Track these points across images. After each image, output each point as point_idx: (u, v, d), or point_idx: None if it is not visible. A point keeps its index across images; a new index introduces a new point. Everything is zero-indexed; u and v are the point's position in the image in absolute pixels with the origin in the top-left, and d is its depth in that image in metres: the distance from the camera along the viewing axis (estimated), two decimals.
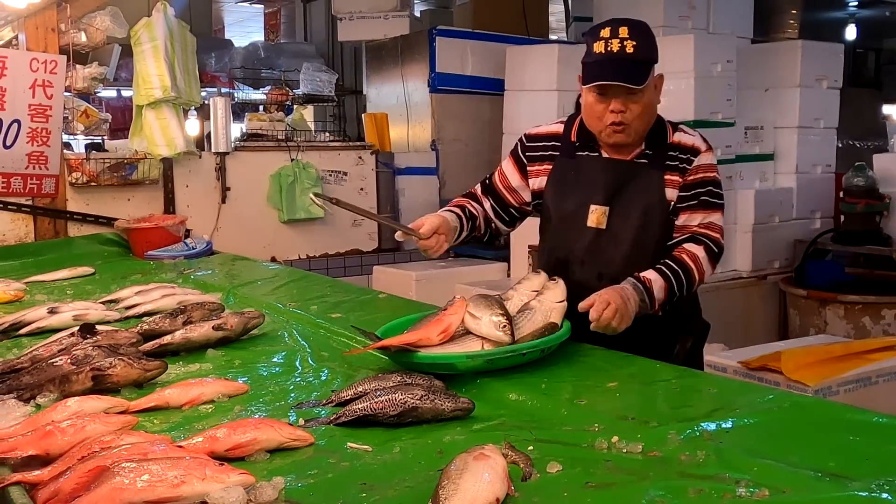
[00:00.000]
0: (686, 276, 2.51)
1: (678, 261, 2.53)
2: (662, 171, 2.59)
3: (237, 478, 1.53)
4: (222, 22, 12.41)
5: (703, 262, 2.54)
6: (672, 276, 2.49)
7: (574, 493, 1.50)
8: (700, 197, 2.58)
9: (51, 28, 5.09)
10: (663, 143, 2.61)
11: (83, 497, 1.45)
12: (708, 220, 2.59)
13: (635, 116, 2.52)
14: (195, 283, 3.84)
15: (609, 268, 2.61)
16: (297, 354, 2.59)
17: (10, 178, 4.93)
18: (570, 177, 2.69)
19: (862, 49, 13.27)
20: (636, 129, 2.55)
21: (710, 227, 2.58)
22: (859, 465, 1.54)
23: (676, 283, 2.49)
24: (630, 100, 2.50)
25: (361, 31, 7.43)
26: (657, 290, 2.46)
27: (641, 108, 2.52)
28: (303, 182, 6.03)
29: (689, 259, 2.53)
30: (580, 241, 2.66)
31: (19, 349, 2.69)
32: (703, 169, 2.60)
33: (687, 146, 2.62)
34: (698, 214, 2.59)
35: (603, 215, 2.62)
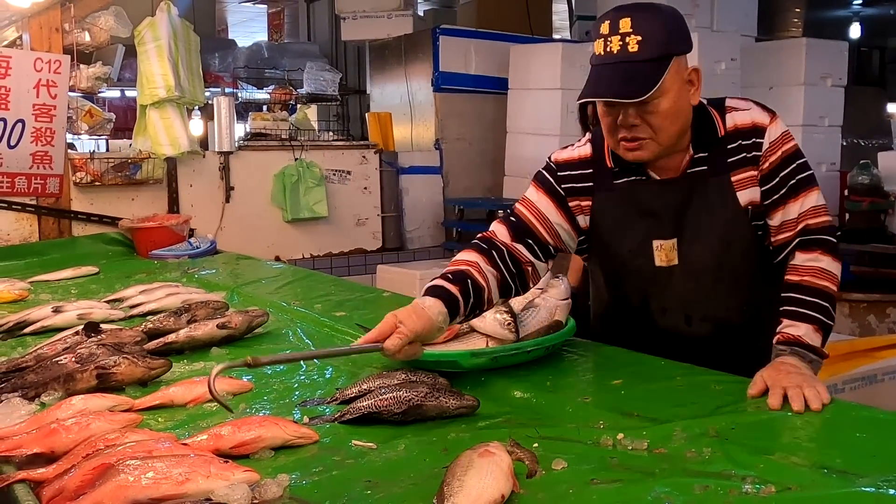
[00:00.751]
0: (825, 298, 2.04)
1: (805, 288, 2.05)
2: (728, 174, 2.12)
3: (242, 475, 1.53)
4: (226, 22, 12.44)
5: (830, 267, 2.08)
6: (813, 311, 2.01)
7: (579, 489, 1.49)
8: (788, 181, 2.10)
9: (55, 28, 5.10)
10: (716, 138, 2.13)
11: (88, 494, 1.45)
12: (806, 207, 2.11)
13: (657, 129, 2.04)
14: (199, 282, 3.84)
15: (694, 309, 2.24)
16: None
17: (14, 178, 4.94)
18: (618, 212, 2.24)
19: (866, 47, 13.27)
20: (661, 143, 2.07)
21: (813, 214, 2.11)
22: (865, 461, 1.54)
23: (821, 313, 2.02)
24: (644, 110, 2.03)
25: (365, 31, 7.45)
26: (813, 339, 1.99)
27: (661, 119, 2.04)
28: (307, 181, 6.04)
29: (813, 277, 2.06)
30: (654, 286, 2.25)
31: (24, 348, 2.69)
32: (776, 145, 2.11)
33: (746, 127, 2.12)
34: (793, 204, 2.11)
35: (672, 250, 2.18)
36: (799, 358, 1.95)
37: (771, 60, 6.45)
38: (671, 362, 2.24)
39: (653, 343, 2.32)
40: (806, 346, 1.98)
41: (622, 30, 1.99)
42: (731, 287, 2.20)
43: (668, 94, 2.02)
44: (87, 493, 1.46)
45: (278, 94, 7.04)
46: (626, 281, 2.32)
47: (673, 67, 2.02)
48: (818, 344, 2.00)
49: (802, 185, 2.11)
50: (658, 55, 2.00)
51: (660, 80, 1.99)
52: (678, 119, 2.08)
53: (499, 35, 7.09)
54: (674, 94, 2.04)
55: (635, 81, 1.99)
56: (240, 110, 6.89)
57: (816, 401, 1.77)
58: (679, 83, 2.05)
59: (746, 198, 2.13)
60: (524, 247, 2.31)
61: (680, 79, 2.06)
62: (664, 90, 2.01)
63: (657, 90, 1.99)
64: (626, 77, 1.99)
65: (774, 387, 1.84)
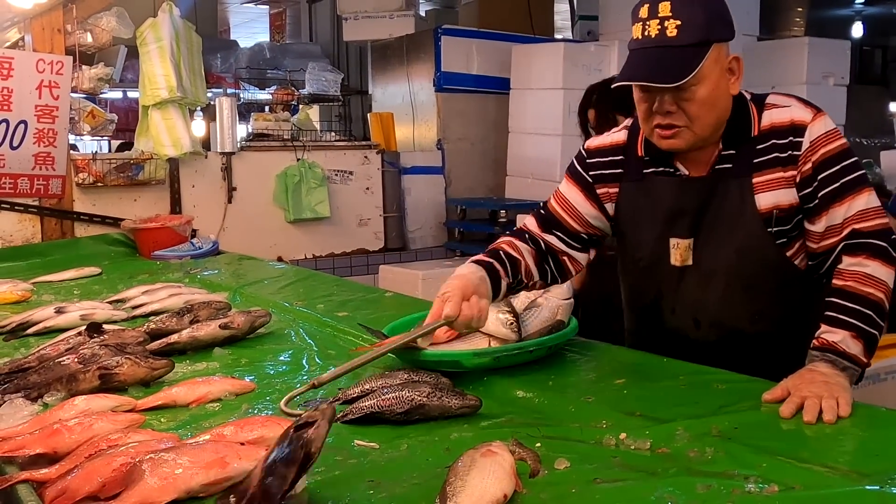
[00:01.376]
0: (868, 305, 1.90)
1: (848, 294, 1.92)
2: (751, 175, 2.02)
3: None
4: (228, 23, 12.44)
5: (877, 273, 1.92)
6: (852, 318, 1.90)
7: (582, 489, 1.49)
8: (831, 183, 1.97)
9: (57, 29, 5.10)
10: (748, 136, 2.04)
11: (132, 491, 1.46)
12: (853, 211, 1.96)
13: (693, 117, 1.98)
14: (202, 283, 3.84)
15: (704, 313, 2.17)
16: (304, 353, 2.59)
17: (16, 179, 4.94)
18: (640, 204, 2.18)
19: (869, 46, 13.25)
20: (697, 132, 2.01)
21: (863, 217, 1.96)
22: (869, 461, 1.54)
23: (862, 320, 1.90)
24: (680, 97, 1.96)
25: (367, 31, 7.44)
26: (850, 346, 1.88)
27: (698, 107, 1.97)
28: (309, 182, 6.04)
29: (857, 283, 1.92)
30: (666, 283, 2.19)
31: (27, 349, 2.69)
32: (819, 144, 1.97)
33: (784, 126, 2.01)
34: (839, 208, 1.97)
35: (687, 250, 2.11)
36: (831, 365, 1.86)
37: (773, 59, 6.45)
38: (674, 361, 2.24)
39: (660, 342, 2.29)
40: (840, 352, 1.88)
41: (661, 14, 1.94)
42: (743, 295, 2.12)
43: (706, 81, 1.96)
44: (129, 491, 1.46)
45: (280, 95, 7.04)
46: (641, 275, 2.27)
47: (712, 54, 1.96)
48: (856, 352, 1.88)
49: (849, 187, 1.97)
50: (697, 41, 1.94)
51: (698, 66, 1.93)
52: (715, 108, 2.01)
53: (501, 35, 7.09)
54: (712, 82, 1.97)
55: (672, 67, 1.93)
56: (242, 111, 6.90)
57: (831, 413, 1.71)
58: (718, 71, 1.99)
59: (769, 201, 2.02)
60: (554, 238, 2.29)
61: (720, 67, 1.99)
62: (702, 77, 1.95)
63: (694, 77, 1.93)
64: (663, 62, 1.94)
65: (793, 395, 1.78)
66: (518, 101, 6.68)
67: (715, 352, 2.18)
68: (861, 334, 1.90)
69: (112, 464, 1.55)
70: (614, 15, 6.92)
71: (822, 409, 1.72)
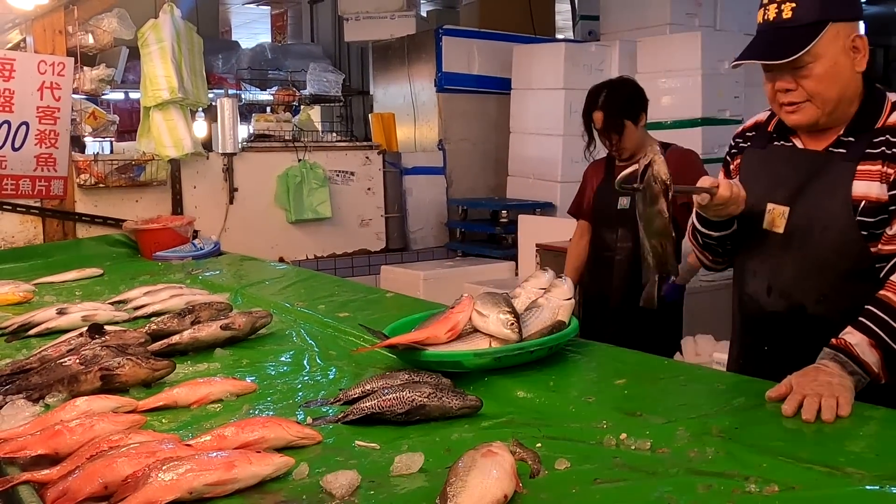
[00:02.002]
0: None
1: (883, 304, 1.91)
2: (857, 162, 2.05)
3: (280, 460, 1.60)
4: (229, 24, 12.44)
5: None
6: (877, 327, 1.88)
7: (582, 489, 1.49)
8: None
9: (58, 30, 5.11)
10: (871, 127, 2.07)
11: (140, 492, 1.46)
12: None
13: (812, 92, 2.05)
14: (203, 284, 3.84)
15: (778, 280, 2.18)
16: (305, 353, 2.59)
17: (18, 181, 4.95)
18: (753, 169, 2.27)
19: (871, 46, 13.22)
20: (819, 106, 2.06)
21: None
22: (869, 461, 1.53)
23: (888, 333, 1.87)
24: (798, 74, 2.04)
25: (368, 32, 7.45)
26: (865, 352, 1.87)
27: (815, 82, 2.04)
28: (310, 182, 6.05)
29: (893, 293, 1.91)
30: (755, 248, 2.23)
31: (28, 350, 2.70)
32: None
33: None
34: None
35: (781, 217, 2.15)
36: (839, 366, 1.86)
37: None
38: (674, 362, 2.25)
39: (739, 306, 2.31)
40: (853, 356, 1.87)
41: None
42: (816, 272, 2.12)
43: (822, 58, 2.03)
44: (137, 491, 1.46)
45: (281, 96, 7.04)
46: (740, 238, 2.28)
47: (829, 32, 2.02)
48: (869, 360, 1.86)
49: None
50: (811, 20, 2.01)
51: (809, 44, 2.00)
52: (835, 84, 2.06)
53: (502, 35, 7.09)
54: (829, 59, 2.03)
55: (785, 45, 2.02)
56: (243, 112, 6.90)
57: (830, 412, 1.72)
58: (837, 49, 2.04)
59: (863, 190, 2.04)
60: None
61: (839, 45, 2.04)
62: (818, 54, 2.02)
63: (809, 54, 2.01)
64: (777, 42, 2.03)
65: (795, 393, 1.80)
66: (519, 102, 6.68)
67: (778, 324, 2.19)
68: (881, 345, 1.88)
69: (113, 465, 1.56)
70: (615, 15, 6.91)
71: (822, 408, 1.73)
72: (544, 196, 6.34)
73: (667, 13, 6.37)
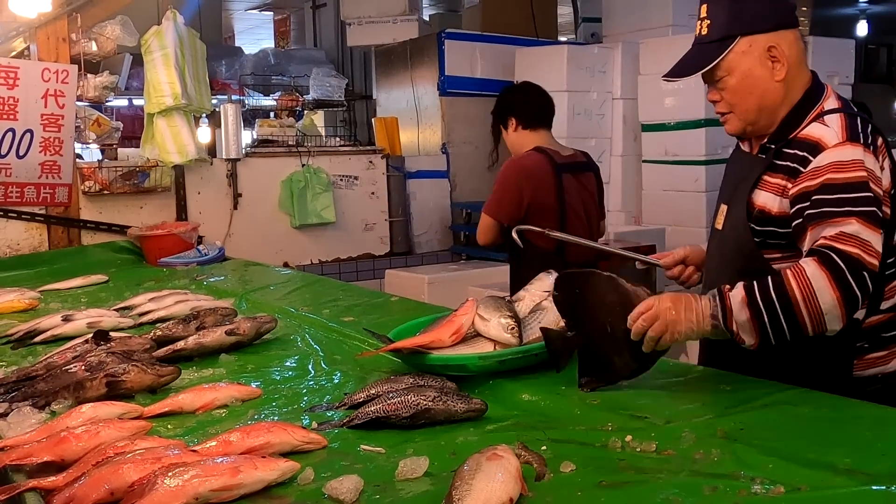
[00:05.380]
0: (779, 293, 1.89)
1: (776, 278, 1.93)
2: (764, 171, 2.14)
3: (286, 465, 1.60)
4: (232, 29, 12.49)
5: (813, 277, 1.87)
6: (758, 291, 1.91)
7: (588, 492, 1.49)
8: (823, 206, 1.97)
9: (62, 38, 5.12)
10: (787, 136, 2.14)
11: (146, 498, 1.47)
12: (836, 231, 1.92)
13: (731, 103, 2.18)
14: (208, 289, 3.85)
15: (710, 274, 2.36)
16: (310, 358, 2.60)
17: (23, 188, 4.96)
18: (724, 174, 2.43)
19: (874, 45, 13.22)
20: (740, 116, 2.19)
21: (839, 239, 1.91)
22: (875, 461, 1.53)
23: (763, 299, 1.90)
24: (718, 87, 2.19)
25: (370, 36, 7.46)
26: (736, 304, 1.92)
27: (731, 94, 2.17)
28: (314, 187, 6.05)
29: (790, 273, 1.91)
30: (710, 245, 2.39)
31: (34, 357, 2.71)
32: (825, 170, 1.99)
33: (810, 141, 2.07)
34: (825, 227, 1.94)
35: (721, 214, 2.29)
36: (708, 305, 1.95)
37: None
38: (679, 363, 2.24)
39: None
40: (725, 303, 1.93)
41: (701, 15, 2.21)
42: (724, 267, 2.25)
43: (735, 71, 2.15)
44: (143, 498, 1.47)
45: (285, 101, 7.05)
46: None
47: (740, 46, 2.13)
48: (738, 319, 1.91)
49: (837, 214, 1.94)
50: (720, 36, 2.15)
51: (716, 58, 2.14)
52: (751, 95, 2.16)
53: (504, 38, 7.09)
54: (742, 72, 2.15)
55: (696, 60, 2.18)
56: (247, 117, 6.91)
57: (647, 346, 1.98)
58: (751, 61, 2.14)
59: (760, 200, 2.14)
60: None
61: (753, 57, 2.14)
62: (730, 68, 2.15)
63: (720, 68, 2.15)
64: (694, 57, 2.20)
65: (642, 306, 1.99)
66: None
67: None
68: (753, 307, 1.91)
69: (119, 471, 1.56)
70: (618, 17, 6.92)
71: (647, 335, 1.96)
72: None
73: (669, 15, 6.38)
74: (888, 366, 2.18)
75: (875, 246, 1.92)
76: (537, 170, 3.71)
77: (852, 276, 1.87)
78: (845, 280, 1.87)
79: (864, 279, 1.89)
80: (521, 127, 3.87)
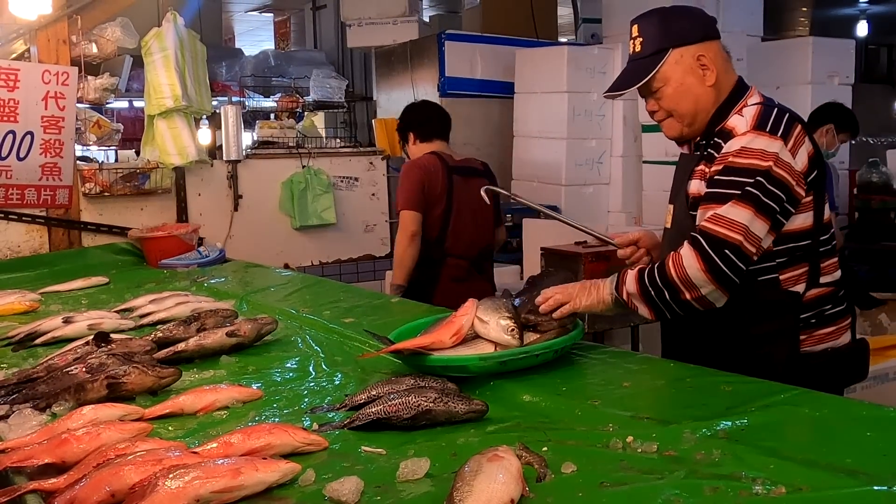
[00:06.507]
0: (661, 274, 2.20)
1: (663, 260, 2.25)
2: (696, 163, 2.36)
3: (287, 466, 1.60)
4: (233, 31, 12.49)
5: (685, 258, 2.16)
6: (647, 271, 2.24)
7: (589, 493, 1.49)
8: (714, 187, 2.23)
9: (62, 40, 5.12)
10: (712, 131, 2.36)
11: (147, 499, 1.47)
12: (711, 214, 2.19)
13: (670, 109, 2.37)
14: (208, 291, 3.85)
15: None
16: (311, 359, 2.60)
17: (24, 190, 4.96)
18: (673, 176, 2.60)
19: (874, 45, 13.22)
20: (680, 121, 2.39)
21: (713, 220, 2.17)
22: (876, 461, 1.53)
23: (649, 279, 2.22)
24: (655, 97, 2.39)
25: (370, 37, 7.45)
26: (629, 278, 2.27)
27: (669, 101, 2.36)
28: (314, 189, 6.05)
29: (670, 257, 2.21)
30: (662, 245, 2.58)
31: (35, 359, 2.71)
32: (729, 155, 2.22)
33: (727, 130, 2.30)
34: (707, 210, 2.22)
35: (669, 213, 2.51)
36: (610, 280, 2.32)
37: (778, 60, 6.43)
38: (680, 364, 2.24)
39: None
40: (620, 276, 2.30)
41: (633, 35, 2.41)
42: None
43: (670, 80, 2.34)
44: (144, 499, 1.47)
45: (285, 103, 7.05)
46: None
47: (672, 58, 2.34)
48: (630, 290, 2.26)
49: (720, 197, 2.19)
50: (653, 51, 2.34)
51: (651, 71, 2.34)
52: (686, 100, 2.36)
53: (504, 39, 7.08)
54: (677, 80, 2.34)
55: (633, 75, 2.38)
56: (247, 119, 6.91)
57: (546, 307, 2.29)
58: (683, 70, 2.34)
59: (693, 188, 2.35)
60: None
61: (685, 66, 2.34)
62: (665, 78, 2.34)
63: (655, 80, 2.35)
64: (631, 73, 2.39)
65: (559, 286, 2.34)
66: (522, 105, 6.68)
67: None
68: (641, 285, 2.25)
69: (120, 473, 1.56)
70: (618, 18, 6.91)
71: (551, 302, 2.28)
72: (549, 199, 6.33)
73: None
74: (838, 341, 2.36)
75: (742, 223, 2.15)
76: (431, 166, 4.28)
77: (715, 253, 2.14)
78: (709, 256, 2.14)
79: (726, 256, 2.14)
80: (419, 140, 4.46)
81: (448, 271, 4.28)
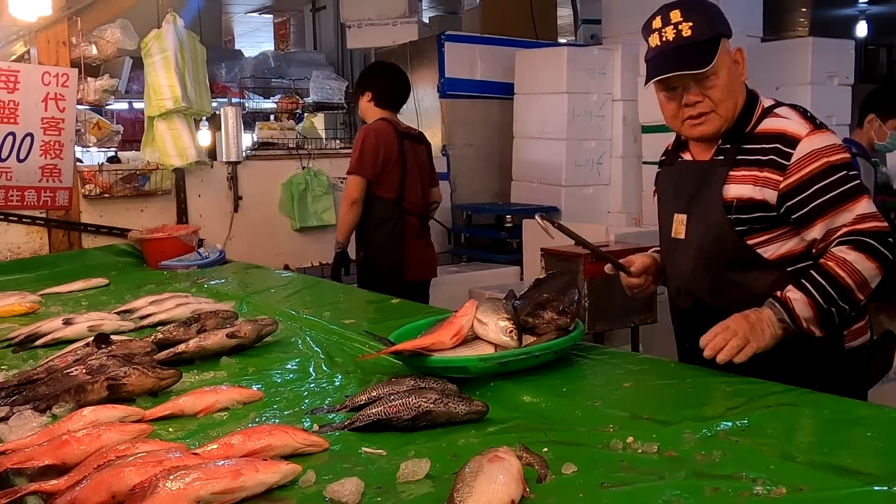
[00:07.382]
0: (833, 285, 2.08)
1: (821, 269, 2.11)
2: (730, 167, 2.25)
3: (287, 467, 1.61)
4: (232, 32, 12.49)
5: (856, 262, 2.07)
6: (814, 289, 2.08)
7: (589, 493, 1.49)
8: (827, 193, 2.14)
9: (62, 41, 5.12)
10: (741, 134, 2.28)
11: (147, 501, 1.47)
12: (854, 215, 2.13)
13: (717, 102, 2.25)
14: (209, 292, 3.85)
15: (683, 281, 2.40)
16: (311, 360, 2.60)
17: (24, 192, 4.96)
18: (663, 186, 2.52)
19: (873, 46, 13.23)
20: (722, 116, 2.27)
21: (860, 220, 2.12)
22: (877, 461, 1.53)
23: (821, 295, 2.08)
24: (704, 86, 2.24)
25: (370, 39, 7.46)
26: (799, 307, 2.09)
27: (720, 92, 2.24)
28: (314, 190, 6.05)
29: (834, 264, 2.09)
30: (668, 255, 2.48)
31: (35, 360, 2.71)
32: (813, 157, 2.15)
33: (775, 134, 2.22)
34: (838, 215, 2.14)
35: (681, 224, 2.38)
36: (772, 312, 2.11)
37: (777, 60, 6.43)
38: (680, 364, 2.25)
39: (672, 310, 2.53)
40: (788, 308, 2.10)
41: (674, 20, 2.24)
42: (705, 268, 2.33)
43: (721, 70, 2.24)
44: (145, 501, 1.47)
45: (285, 104, 7.06)
46: (662, 250, 2.55)
47: (723, 47, 2.24)
48: (802, 314, 2.09)
49: (848, 195, 2.15)
50: (710, 36, 2.23)
51: (716, 55, 2.21)
52: (733, 93, 2.27)
53: (504, 40, 7.09)
54: (727, 71, 2.25)
55: (694, 59, 2.21)
56: (247, 120, 6.91)
57: (727, 354, 2.03)
58: (729, 62, 2.27)
59: (734, 192, 2.24)
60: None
61: (729, 58, 2.27)
62: (719, 66, 2.23)
63: (714, 66, 2.21)
64: (685, 57, 2.22)
65: (717, 327, 2.08)
66: (522, 106, 6.69)
67: (689, 320, 2.40)
68: (815, 304, 2.09)
69: (121, 474, 1.56)
70: (617, 18, 6.91)
71: (725, 348, 2.03)
72: (548, 200, 6.33)
73: None
74: (865, 335, 2.37)
75: (876, 210, 2.16)
76: (386, 133, 4.60)
77: (883, 245, 2.10)
78: (879, 252, 2.09)
79: (889, 244, 2.11)
80: (374, 103, 4.72)
81: (409, 230, 4.68)
